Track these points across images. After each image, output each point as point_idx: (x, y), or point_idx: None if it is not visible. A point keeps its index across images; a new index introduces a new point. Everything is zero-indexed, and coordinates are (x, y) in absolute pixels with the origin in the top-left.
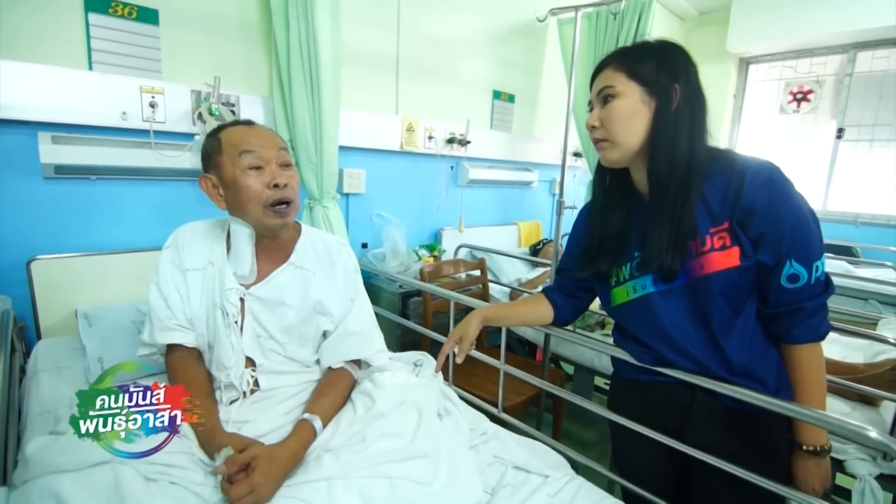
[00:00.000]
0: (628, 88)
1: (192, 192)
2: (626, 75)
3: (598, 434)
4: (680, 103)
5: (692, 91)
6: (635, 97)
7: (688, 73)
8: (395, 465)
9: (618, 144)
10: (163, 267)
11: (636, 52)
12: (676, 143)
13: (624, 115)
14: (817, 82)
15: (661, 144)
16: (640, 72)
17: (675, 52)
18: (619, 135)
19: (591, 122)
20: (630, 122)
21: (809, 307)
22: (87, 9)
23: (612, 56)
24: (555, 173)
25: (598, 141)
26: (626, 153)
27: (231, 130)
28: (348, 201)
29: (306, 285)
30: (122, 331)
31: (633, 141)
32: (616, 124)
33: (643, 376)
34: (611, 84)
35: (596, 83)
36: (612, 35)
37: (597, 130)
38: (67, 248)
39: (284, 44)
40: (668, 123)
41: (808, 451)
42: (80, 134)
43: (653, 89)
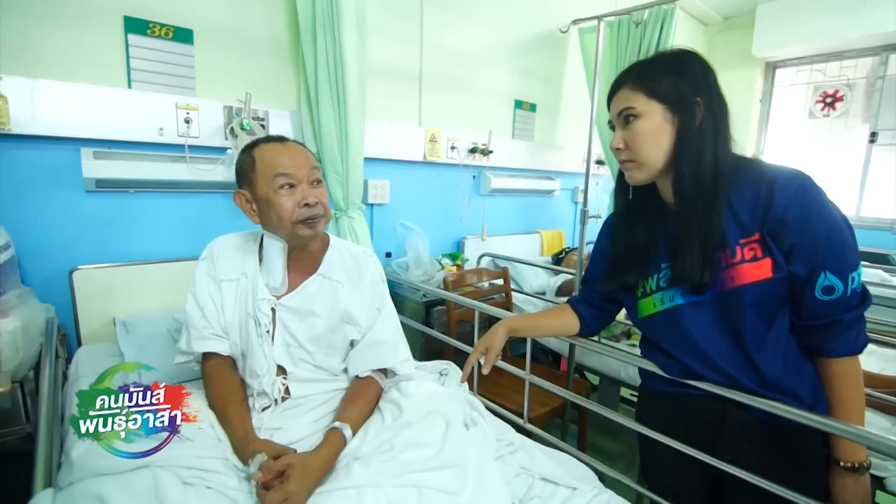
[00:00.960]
0: (649, 108)
1: (223, 204)
2: (644, 95)
3: (624, 446)
4: (703, 116)
5: (713, 100)
6: (657, 116)
7: (707, 82)
8: (423, 474)
9: (645, 166)
10: (199, 278)
11: (652, 68)
12: (702, 158)
13: (648, 135)
14: (848, 86)
15: (686, 160)
16: (660, 90)
17: (691, 62)
18: (645, 156)
19: (615, 145)
20: (655, 142)
21: (846, 320)
22: (126, 30)
23: (627, 74)
24: (577, 181)
25: (623, 162)
26: (653, 172)
27: (264, 148)
28: (373, 211)
29: (334, 295)
30: (157, 339)
31: (659, 160)
32: (641, 146)
33: (673, 388)
34: (631, 105)
35: (614, 103)
36: (635, 43)
37: (622, 152)
38: (107, 258)
39: (312, 60)
40: (693, 139)
41: (847, 467)
42: (120, 149)
43: (674, 106)
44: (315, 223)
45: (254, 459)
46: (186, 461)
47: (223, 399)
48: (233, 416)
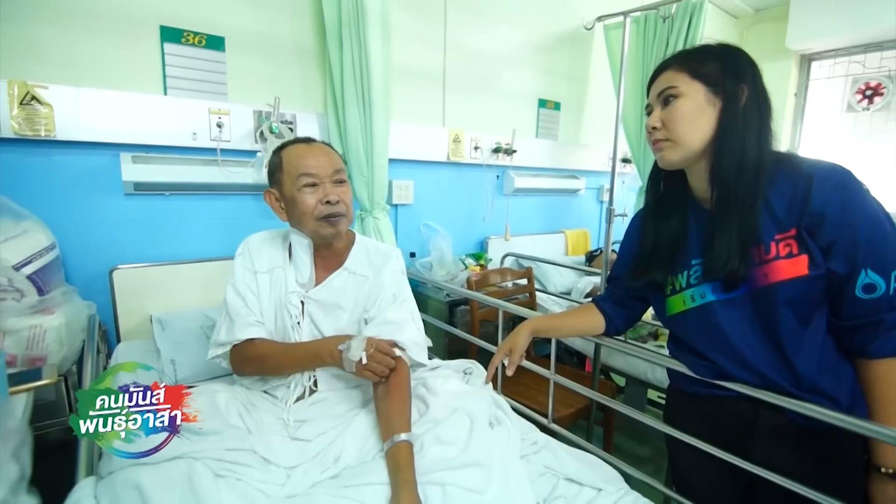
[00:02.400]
0: (692, 88)
1: (254, 205)
2: (689, 75)
3: (651, 449)
4: (748, 103)
5: (759, 93)
6: (700, 97)
7: (754, 75)
8: (449, 472)
9: (680, 144)
10: (238, 271)
11: (698, 53)
12: (746, 144)
13: (688, 114)
14: (889, 77)
15: (730, 145)
16: (704, 71)
17: (738, 54)
18: (682, 135)
19: (651, 124)
20: (694, 122)
21: (888, 319)
22: (162, 39)
23: (672, 58)
24: (602, 180)
25: (657, 142)
26: (688, 154)
27: (292, 149)
28: (397, 212)
29: (358, 289)
30: (191, 335)
31: (697, 141)
32: (680, 124)
33: (702, 389)
34: (673, 84)
35: (655, 85)
36: (662, 38)
37: (658, 132)
38: (144, 258)
39: (338, 64)
40: (737, 123)
41: (889, 473)
42: (156, 153)
43: (718, 89)
44: (337, 221)
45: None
46: (217, 454)
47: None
48: (292, 345)
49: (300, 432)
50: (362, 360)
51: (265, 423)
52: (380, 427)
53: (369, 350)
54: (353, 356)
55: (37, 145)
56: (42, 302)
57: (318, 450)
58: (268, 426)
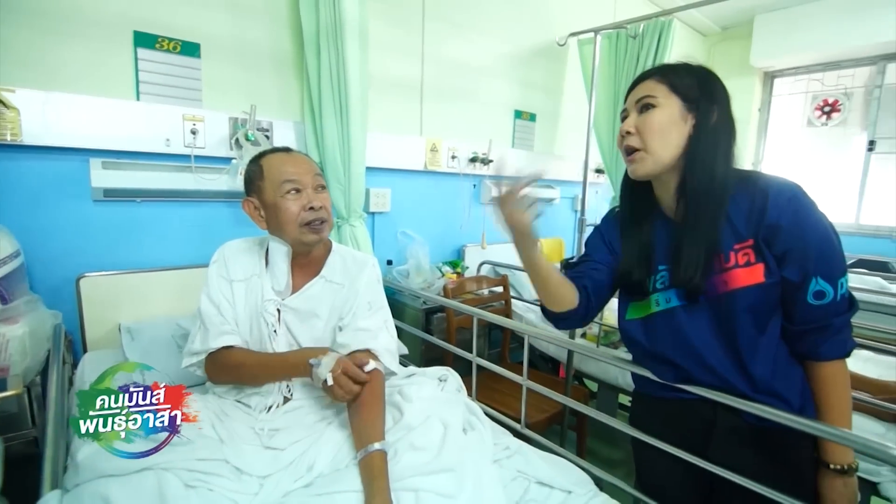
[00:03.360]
0: (669, 101)
1: (228, 213)
2: (667, 88)
3: (623, 453)
4: (717, 124)
5: (727, 117)
6: (675, 110)
7: (724, 100)
8: (422, 478)
9: (651, 154)
10: (212, 279)
11: (678, 68)
12: (716, 160)
13: (662, 124)
14: (845, 94)
15: (700, 159)
16: (682, 87)
17: (714, 78)
18: (653, 144)
19: (625, 128)
20: (668, 134)
21: (836, 324)
22: (136, 44)
23: (654, 69)
24: (576, 190)
25: (630, 151)
26: (658, 165)
27: (271, 157)
28: (374, 220)
29: (334, 297)
30: (162, 344)
31: (668, 154)
32: (653, 133)
33: (665, 393)
34: (652, 94)
35: (634, 92)
36: (633, 55)
37: (631, 137)
38: (113, 265)
39: (316, 72)
40: (709, 140)
41: (835, 469)
42: (128, 159)
43: (693, 106)
44: (320, 228)
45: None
46: (188, 464)
47: (252, 355)
48: (269, 355)
49: (273, 441)
50: (327, 382)
51: (238, 433)
52: (353, 436)
53: (336, 372)
54: (320, 374)
55: (1, 150)
56: (5, 311)
57: (292, 458)
58: (240, 435)
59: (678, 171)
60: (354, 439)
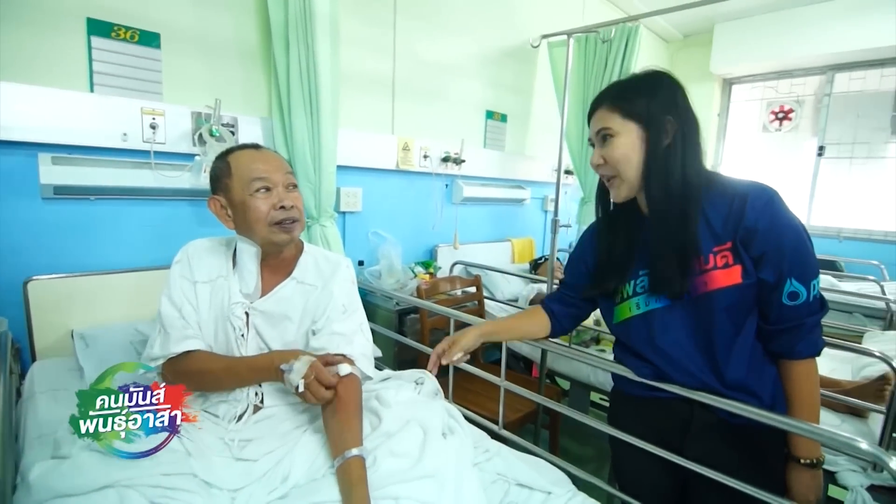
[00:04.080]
0: (625, 128)
1: (191, 212)
2: (620, 115)
3: (593, 449)
4: (674, 136)
5: (683, 116)
6: (633, 135)
7: (676, 102)
8: (402, 485)
9: (625, 181)
10: (174, 280)
11: (626, 90)
12: (670, 174)
13: (624, 152)
14: (798, 102)
15: (654, 177)
16: (634, 110)
17: (661, 82)
18: (623, 171)
19: (595, 161)
20: (631, 159)
21: (809, 323)
22: (89, 32)
23: (604, 95)
24: (546, 190)
25: (608, 178)
26: (633, 187)
27: (240, 154)
28: (345, 220)
29: (307, 299)
30: (119, 351)
31: (636, 175)
32: (619, 162)
33: (643, 392)
34: (607, 126)
35: (593, 123)
36: (601, 58)
37: (603, 167)
38: (65, 268)
39: (284, 67)
40: (660, 157)
41: (804, 463)
42: (81, 155)
43: (646, 126)
44: (291, 227)
45: (298, 360)
46: (153, 479)
47: (217, 360)
48: (235, 360)
49: (245, 452)
50: (299, 388)
51: (206, 444)
52: (329, 443)
53: (308, 378)
54: (292, 380)
55: None
56: None
57: (265, 470)
58: (209, 447)
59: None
60: (331, 447)
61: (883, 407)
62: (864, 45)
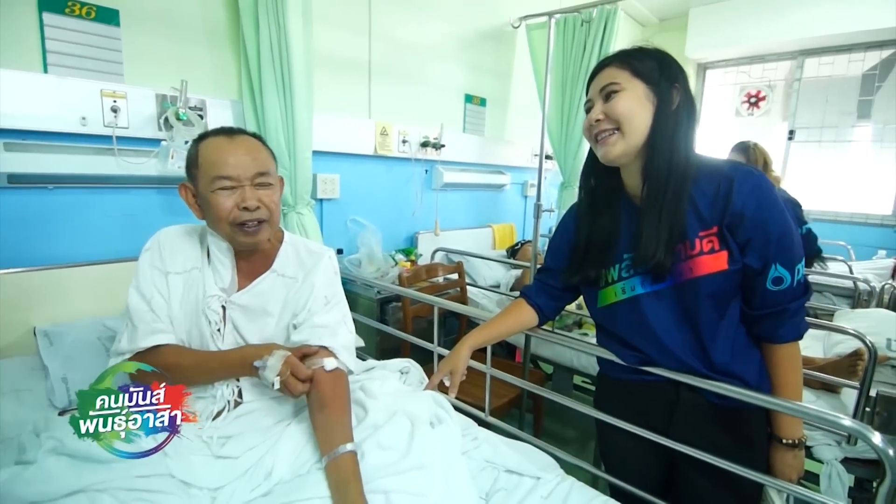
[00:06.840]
0: (632, 84)
1: (159, 201)
2: (629, 73)
3: (576, 431)
4: (679, 104)
5: (687, 96)
6: (640, 92)
7: (684, 80)
8: (392, 478)
9: (625, 136)
10: (143, 269)
11: (637, 52)
12: (676, 143)
13: (630, 107)
14: (769, 87)
15: (661, 142)
16: (643, 70)
17: (671, 59)
18: (626, 126)
19: (594, 117)
20: (636, 115)
21: (792, 308)
22: (41, 8)
23: (613, 56)
24: (526, 175)
25: (603, 134)
26: (631, 146)
27: (210, 142)
28: (322, 207)
29: (287, 292)
30: (87, 348)
31: (639, 134)
32: (623, 115)
33: (630, 376)
34: (615, 80)
35: (596, 81)
36: (580, 40)
37: (602, 123)
38: (24, 261)
39: (255, 47)
40: (669, 122)
41: (787, 444)
42: (36, 140)
43: (655, 88)
44: (254, 230)
45: (272, 355)
46: (127, 482)
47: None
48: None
49: (225, 449)
50: (275, 385)
51: (183, 443)
52: (317, 439)
53: (284, 375)
54: (267, 377)
55: None
56: None
57: (247, 466)
58: (186, 445)
59: (643, 155)
60: (319, 442)
61: (856, 382)
62: (833, 30)
